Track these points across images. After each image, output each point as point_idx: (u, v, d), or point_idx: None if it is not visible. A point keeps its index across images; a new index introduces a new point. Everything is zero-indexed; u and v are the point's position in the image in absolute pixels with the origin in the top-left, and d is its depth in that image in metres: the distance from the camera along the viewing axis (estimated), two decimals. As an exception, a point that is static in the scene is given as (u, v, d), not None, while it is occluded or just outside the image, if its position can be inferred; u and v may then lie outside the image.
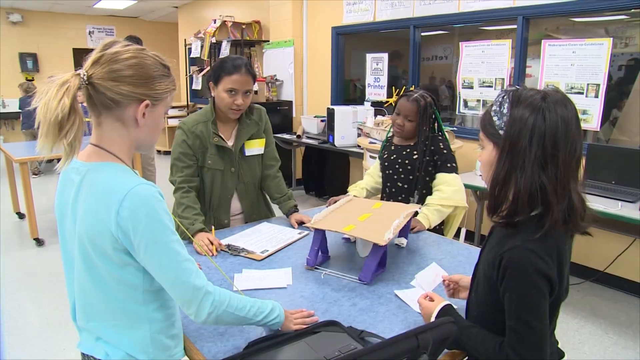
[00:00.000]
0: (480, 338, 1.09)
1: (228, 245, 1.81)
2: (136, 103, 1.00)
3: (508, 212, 1.03)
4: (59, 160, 0.99)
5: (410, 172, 2.15)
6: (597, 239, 3.36)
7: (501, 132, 1.03)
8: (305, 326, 1.22)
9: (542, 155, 0.97)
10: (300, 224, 2.06)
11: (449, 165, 2.10)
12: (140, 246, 0.96)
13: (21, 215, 4.96)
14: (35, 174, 7.03)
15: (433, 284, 1.50)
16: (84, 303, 1.08)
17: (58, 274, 3.61)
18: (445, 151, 2.10)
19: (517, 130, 0.98)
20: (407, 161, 2.15)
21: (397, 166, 2.18)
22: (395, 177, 2.19)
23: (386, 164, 2.23)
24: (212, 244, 1.78)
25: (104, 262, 0.99)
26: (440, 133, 2.16)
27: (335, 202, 1.99)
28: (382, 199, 2.28)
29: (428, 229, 2.04)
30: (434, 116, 2.12)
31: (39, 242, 4.22)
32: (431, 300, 1.25)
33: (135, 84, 0.99)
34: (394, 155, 2.20)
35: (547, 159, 0.97)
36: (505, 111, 1.02)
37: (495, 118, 1.05)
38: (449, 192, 2.05)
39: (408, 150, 2.15)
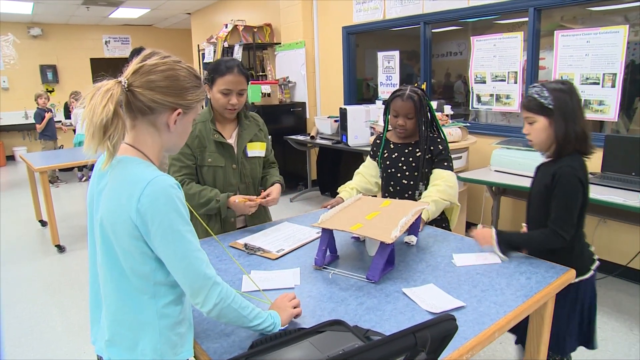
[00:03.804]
0: (528, 235, 1.75)
1: (245, 244, 1.83)
2: (169, 111, 1.10)
3: (561, 150, 1.65)
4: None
5: (414, 169, 2.15)
6: (618, 233, 3.27)
7: (550, 106, 1.61)
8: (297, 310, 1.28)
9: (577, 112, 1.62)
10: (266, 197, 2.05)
11: (445, 163, 2.13)
12: (157, 233, 1.01)
13: (43, 223, 5.08)
14: (51, 182, 6.96)
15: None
16: (96, 292, 1.13)
17: (79, 278, 3.70)
18: (443, 152, 2.13)
19: (563, 102, 1.60)
20: (410, 158, 2.16)
21: (400, 164, 2.18)
22: (399, 175, 2.19)
23: (388, 162, 2.22)
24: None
25: (120, 248, 1.04)
26: (435, 130, 2.18)
27: (327, 206, 2.07)
28: (384, 197, 2.27)
29: (429, 224, 2.06)
30: (428, 107, 2.13)
31: (60, 248, 4.33)
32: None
33: (170, 94, 1.08)
34: (395, 154, 2.20)
35: (578, 114, 1.62)
36: (546, 94, 1.61)
37: (541, 100, 1.62)
38: (445, 187, 2.07)
39: (410, 148, 2.16)
